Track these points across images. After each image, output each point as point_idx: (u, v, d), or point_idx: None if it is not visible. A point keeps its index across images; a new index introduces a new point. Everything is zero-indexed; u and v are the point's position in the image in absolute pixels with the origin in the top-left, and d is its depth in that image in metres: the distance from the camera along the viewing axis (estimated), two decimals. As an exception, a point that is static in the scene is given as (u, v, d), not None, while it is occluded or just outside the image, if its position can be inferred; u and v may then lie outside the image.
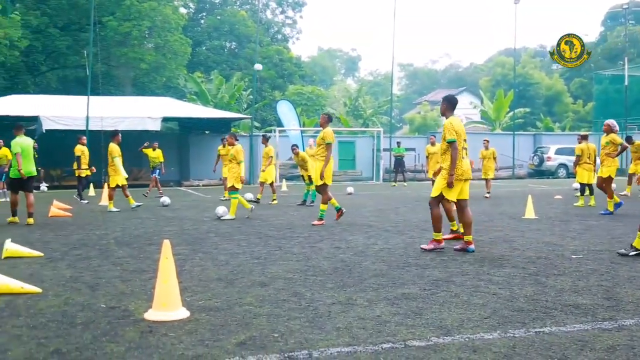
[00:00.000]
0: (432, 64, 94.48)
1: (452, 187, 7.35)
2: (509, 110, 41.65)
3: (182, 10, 44.82)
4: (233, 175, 11.83)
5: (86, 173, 16.15)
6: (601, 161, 12.41)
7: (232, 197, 11.86)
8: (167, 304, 4.52)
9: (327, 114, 11.09)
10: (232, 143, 12.03)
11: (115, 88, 34.91)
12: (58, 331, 4.23)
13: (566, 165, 28.90)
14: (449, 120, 7.48)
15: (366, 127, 39.27)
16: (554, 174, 30.12)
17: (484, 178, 17.71)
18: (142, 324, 4.39)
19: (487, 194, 17.02)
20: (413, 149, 30.16)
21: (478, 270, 6.23)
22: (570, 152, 25.63)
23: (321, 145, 10.60)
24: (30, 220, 11.08)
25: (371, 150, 30.77)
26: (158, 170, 18.71)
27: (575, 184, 16.26)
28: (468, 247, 7.42)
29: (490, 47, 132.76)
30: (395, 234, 9.17)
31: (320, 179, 10.47)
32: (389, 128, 33.70)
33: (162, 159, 18.94)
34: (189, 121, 27.69)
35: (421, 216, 11.60)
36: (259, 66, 29.38)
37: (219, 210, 11.83)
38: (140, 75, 35.26)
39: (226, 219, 11.50)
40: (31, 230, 10.18)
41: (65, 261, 7.08)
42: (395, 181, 25.54)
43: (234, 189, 11.79)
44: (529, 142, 34.02)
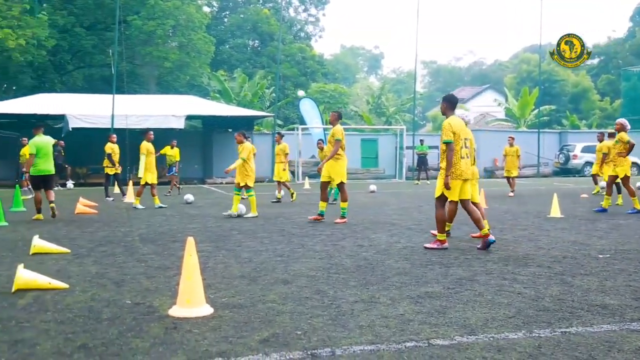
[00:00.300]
0: (456, 61, 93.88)
1: (449, 189, 7.41)
2: (534, 107, 41.15)
3: (206, 8, 45.13)
4: (243, 174, 11.75)
5: (115, 171, 16.34)
6: (612, 160, 12.34)
7: (249, 195, 11.85)
8: (191, 301, 4.56)
9: (337, 112, 11.10)
10: (241, 141, 11.90)
11: (139, 86, 35.30)
12: (85, 326, 4.29)
13: (592, 163, 28.42)
14: (448, 120, 7.52)
15: (389, 125, 39.17)
16: (580, 172, 29.69)
17: (507, 176, 17.36)
18: (167, 320, 4.43)
19: (512, 192, 16.83)
20: (436, 147, 29.90)
21: (502, 269, 6.17)
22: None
23: (332, 142, 10.65)
24: (40, 215, 11.45)
25: (394, 148, 30.66)
26: (174, 168, 18.85)
27: (602, 183, 16.02)
28: (488, 239, 7.41)
29: (515, 44, 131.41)
30: (418, 232, 9.12)
31: (317, 172, 10.52)
32: (412, 126, 33.55)
33: (179, 158, 19.02)
34: (212, 119, 27.87)
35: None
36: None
37: (242, 209, 11.86)
38: (164, 74, 35.60)
39: (248, 217, 11.56)
40: (58, 227, 10.34)
41: (91, 257, 7.18)
42: (418, 179, 25.43)
43: (248, 187, 11.78)
44: (554, 140, 33.59)
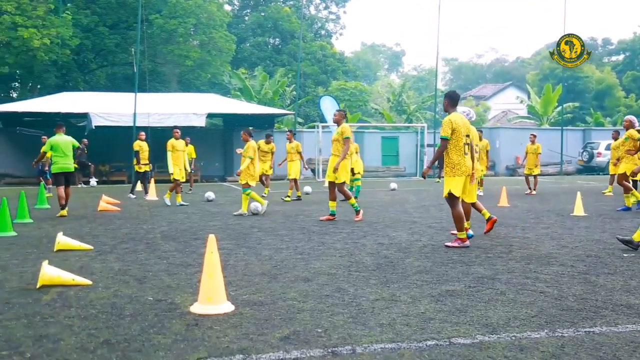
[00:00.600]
0: (478, 58, 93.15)
1: (424, 178, 8.20)
2: (557, 104, 40.64)
3: (227, 7, 45.35)
4: (246, 172, 11.68)
5: (145, 168, 16.48)
6: (621, 158, 12.16)
7: (245, 194, 11.76)
8: (213, 298, 4.58)
9: (343, 110, 10.95)
10: (246, 139, 11.82)
11: (161, 85, 35.60)
12: (107, 322, 4.34)
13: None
14: (449, 116, 7.63)
15: (410, 123, 38.97)
16: (604, 170, 29.24)
17: (528, 174, 17.11)
18: (188, 317, 4.46)
19: (533, 191, 16.66)
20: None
21: (524, 268, 6.11)
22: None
23: (339, 141, 10.45)
24: (64, 212, 11.67)
25: (415, 146, 30.53)
26: (190, 165, 18.90)
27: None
28: (468, 233, 7.81)
29: (537, 40, 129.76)
30: (439, 231, 9.07)
31: (333, 172, 10.41)
32: (432, 124, 33.32)
33: (195, 155, 18.99)
34: (233, 117, 28.01)
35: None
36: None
37: (257, 207, 11.84)
38: (185, 72, 35.86)
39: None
40: (81, 224, 10.47)
41: (114, 254, 7.26)
42: (439, 177, 25.24)
43: (247, 186, 11.72)
44: (578, 138, 33.18)
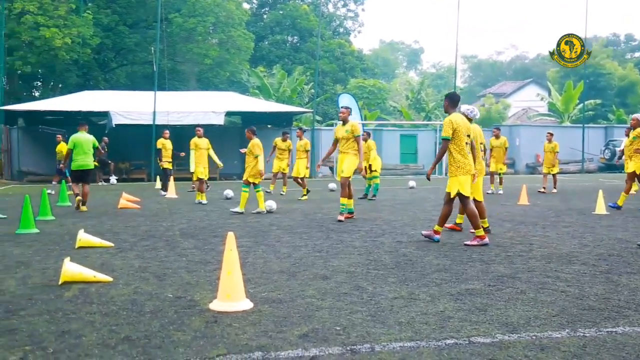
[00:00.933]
0: (497, 55, 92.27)
1: (429, 179, 8.14)
2: (579, 102, 40.14)
3: (245, 5, 45.42)
4: (249, 169, 11.57)
5: (166, 166, 16.62)
6: (629, 156, 11.95)
7: (244, 191, 11.61)
8: (232, 295, 4.61)
9: (347, 107, 10.42)
10: (250, 137, 11.66)
11: (180, 83, 35.82)
12: (128, 319, 4.39)
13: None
14: (449, 117, 7.61)
15: (428, 121, 38.75)
16: (626, 168, 28.85)
17: (547, 173, 16.90)
18: (207, 314, 4.49)
19: (554, 188, 16.50)
20: (476, 143, 29.51)
21: (545, 267, 6.05)
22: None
23: (350, 139, 10.06)
24: (84, 207, 12.26)
25: (433, 144, 30.36)
26: None
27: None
28: (435, 237, 7.77)
29: (557, 37, 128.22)
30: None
31: (356, 172, 10.17)
32: (451, 121, 33.07)
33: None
34: (252, 115, 28.07)
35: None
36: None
37: (272, 205, 11.84)
38: (204, 71, 36.04)
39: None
40: (102, 221, 10.57)
41: (134, 251, 7.32)
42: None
43: (247, 183, 11.59)
44: (599, 135, 32.73)
